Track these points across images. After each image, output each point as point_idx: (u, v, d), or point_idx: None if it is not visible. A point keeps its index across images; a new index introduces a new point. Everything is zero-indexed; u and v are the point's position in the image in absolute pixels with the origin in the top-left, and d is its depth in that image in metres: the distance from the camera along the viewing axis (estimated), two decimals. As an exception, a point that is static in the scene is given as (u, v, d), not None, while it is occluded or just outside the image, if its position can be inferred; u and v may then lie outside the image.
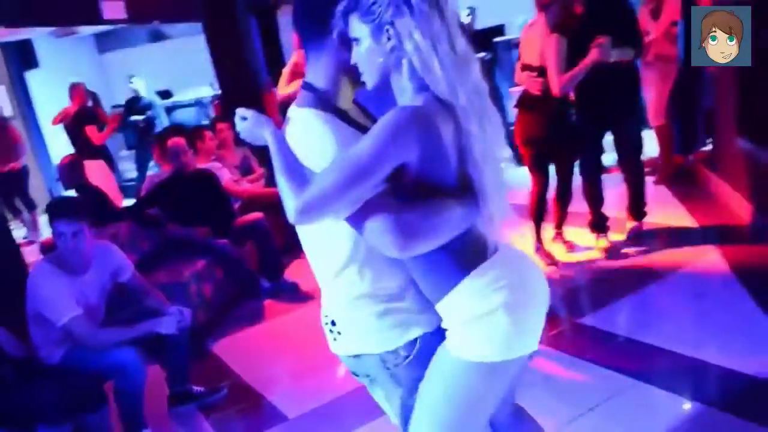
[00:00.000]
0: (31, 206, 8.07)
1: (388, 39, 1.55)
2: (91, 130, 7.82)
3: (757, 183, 4.54)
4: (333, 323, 1.78)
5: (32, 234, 7.87)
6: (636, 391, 3.00)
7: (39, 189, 8.84)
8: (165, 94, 11.26)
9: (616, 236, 4.72)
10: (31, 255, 5.47)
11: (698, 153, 6.06)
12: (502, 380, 1.71)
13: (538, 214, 4.62)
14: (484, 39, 7.70)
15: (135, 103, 9.54)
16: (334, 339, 1.80)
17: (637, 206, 4.73)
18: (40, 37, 9.46)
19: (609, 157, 5.07)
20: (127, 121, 9.19)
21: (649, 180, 5.81)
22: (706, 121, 5.79)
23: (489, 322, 1.59)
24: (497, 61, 7.95)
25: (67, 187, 5.17)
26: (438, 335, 1.70)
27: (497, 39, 8.10)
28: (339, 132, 1.61)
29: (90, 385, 3.11)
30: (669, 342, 3.31)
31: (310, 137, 1.62)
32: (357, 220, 1.55)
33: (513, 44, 8.00)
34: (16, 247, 4.00)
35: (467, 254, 1.60)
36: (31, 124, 9.51)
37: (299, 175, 1.58)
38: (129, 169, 9.95)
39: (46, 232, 6.96)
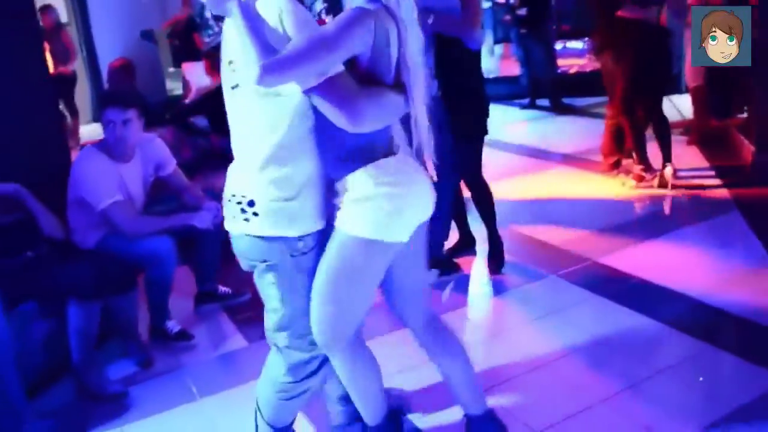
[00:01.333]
0: (74, 113, 7.96)
1: None
2: (197, 37, 8.05)
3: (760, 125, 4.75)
4: (251, 203, 1.86)
5: (71, 141, 7.84)
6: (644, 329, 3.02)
7: (84, 99, 8.74)
8: (220, 18, 11.06)
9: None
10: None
11: (734, 119, 5.83)
12: (378, 259, 1.91)
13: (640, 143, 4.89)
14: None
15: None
16: (246, 219, 1.88)
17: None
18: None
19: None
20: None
21: (681, 140, 5.72)
22: (745, 88, 5.57)
23: (372, 204, 1.83)
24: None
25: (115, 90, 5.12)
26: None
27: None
28: (298, 13, 1.76)
29: (122, 271, 3.02)
30: (683, 285, 3.33)
31: (271, 12, 1.76)
32: (320, 94, 1.74)
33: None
34: (65, 136, 3.93)
35: (379, 145, 1.85)
36: (84, 33, 9.37)
37: (265, 38, 1.71)
38: (176, 88, 9.85)
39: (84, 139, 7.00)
